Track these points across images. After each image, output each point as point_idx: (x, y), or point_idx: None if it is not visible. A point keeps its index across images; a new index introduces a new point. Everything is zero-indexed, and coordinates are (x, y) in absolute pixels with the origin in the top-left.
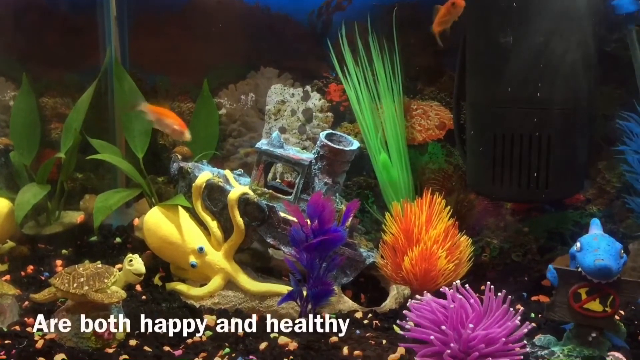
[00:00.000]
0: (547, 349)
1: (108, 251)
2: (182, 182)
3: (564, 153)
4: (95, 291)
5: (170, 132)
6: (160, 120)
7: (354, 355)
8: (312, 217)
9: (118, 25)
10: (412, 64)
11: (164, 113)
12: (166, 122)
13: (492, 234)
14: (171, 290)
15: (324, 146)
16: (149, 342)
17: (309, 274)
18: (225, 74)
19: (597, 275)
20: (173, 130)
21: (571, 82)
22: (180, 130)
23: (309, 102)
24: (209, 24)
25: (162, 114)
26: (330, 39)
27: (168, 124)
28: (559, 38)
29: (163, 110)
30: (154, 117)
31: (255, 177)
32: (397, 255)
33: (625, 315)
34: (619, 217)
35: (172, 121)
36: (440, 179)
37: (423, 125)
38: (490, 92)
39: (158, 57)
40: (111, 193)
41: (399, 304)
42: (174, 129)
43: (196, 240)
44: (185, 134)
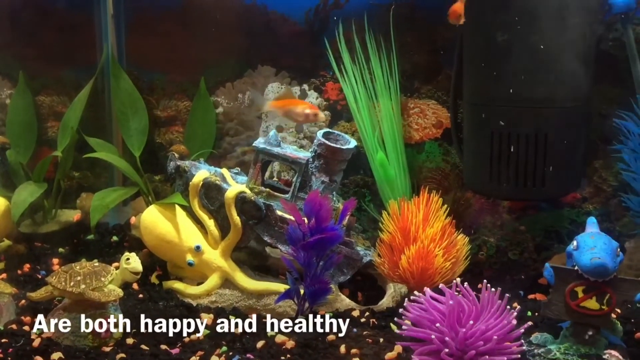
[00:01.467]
0: (544, 347)
1: (105, 250)
2: (179, 181)
3: (561, 151)
4: (92, 290)
5: (304, 118)
6: (290, 111)
7: (351, 353)
8: (309, 215)
9: (115, 23)
10: (409, 63)
11: (290, 103)
12: (297, 112)
13: (489, 232)
14: (168, 289)
15: (321, 145)
16: (146, 340)
17: (306, 272)
18: (222, 72)
19: (594, 274)
20: (306, 116)
21: (568, 81)
22: (314, 113)
23: (306, 100)
24: (206, 22)
25: (289, 104)
26: (328, 37)
27: (299, 112)
28: (556, 36)
29: (287, 101)
30: (283, 112)
31: (252, 175)
32: (394, 253)
33: (622, 313)
34: (615, 216)
35: (301, 108)
36: (437, 177)
37: (420, 124)
38: (487, 90)
39: (155, 55)
40: (108, 191)
41: (396, 302)
42: (307, 114)
43: (193, 239)
44: (319, 114)
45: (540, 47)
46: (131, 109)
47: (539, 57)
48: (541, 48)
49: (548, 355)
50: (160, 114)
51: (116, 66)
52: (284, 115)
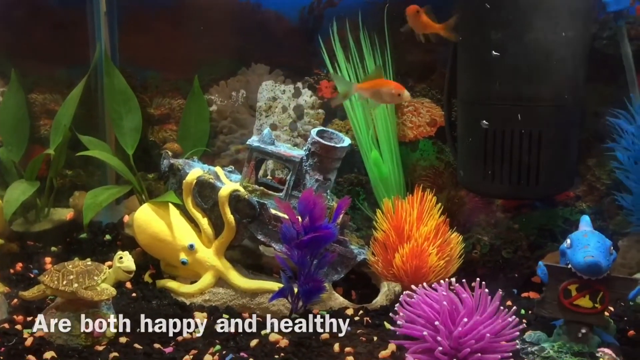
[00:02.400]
0: (537, 345)
1: (98, 248)
2: (173, 179)
3: (555, 150)
4: (84, 288)
5: (390, 99)
6: (377, 92)
7: (345, 352)
8: (303, 214)
9: (108, 20)
10: (404, 61)
11: (377, 83)
12: (382, 92)
13: (483, 230)
14: (161, 288)
15: (315, 143)
16: (139, 339)
17: (300, 271)
18: (216, 70)
19: (587, 272)
20: (391, 96)
21: (562, 79)
22: (398, 92)
23: (300, 98)
24: (199, 20)
25: (376, 85)
26: (322, 35)
27: (385, 93)
28: (550, 35)
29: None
30: (370, 94)
31: (246, 174)
32: (388, 252)
33: (615, 311)
34: (608, 214)
35: (387, 88)
36: (431, 176)
37: (414, 122)
38: (481, 89)
39: (148, 53)
40: (101, 190)
41: (389, 300)
42: (392, 94)
43: (187, 237)
44: (404, 94)
45: (534, 45)
46: (124, 107)
47: (533, 55)
48: (534, 46)
49: (541, 353)
50: (154, 112)
51: (109, 64)
52: (371, 96)
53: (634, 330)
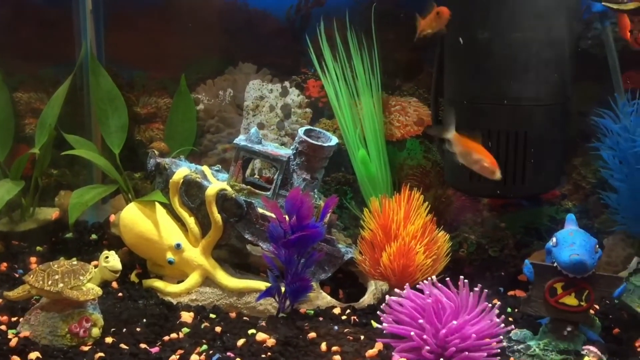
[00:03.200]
0: (523, 343)
1: (84, 248)
2: (159, 178)
3: (540, 149)
4: (70, 288)
5: (479, 168)
6: (468, 154)
7: (332, 351)
8: (291, 213)
9: (94, 19)
10: (391, 60)
11: (474, 147)
12: (474, 158)
13: (470, 229)
14: (148, 287)
15: (303, 142)
16: (125, 339)
17: (287, 270)
18: (203, 69)
19: (573, 270)
20: (482, 168)
21: (548, 79)
22: (491, 169)
23: (288, 98)
24: (186, 19)
25: (472, 148)
26: (309, 34)
27: (477, 160)
28: (536, 35)
29: (473, 143)
30: (460, 149)
31: (233, 173)
32: (375, 251)
33: (600, 309)
34: (594, 213)
35: (481, 157)
36: (418, 175)
37: (401, 122)
38: (467, 88)
39: (135, 52)
40: (87, 189)
41: (377, 299)
42: (483, 167)
43: (173, 237)
44: (497, 172)
45: (520, 45)
46: (110, 106)
47: (519, 55)
48: (520, 46)
49: (527, 351)
50: (140, 111)
51: (95, 63)
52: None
53: (618, 328)
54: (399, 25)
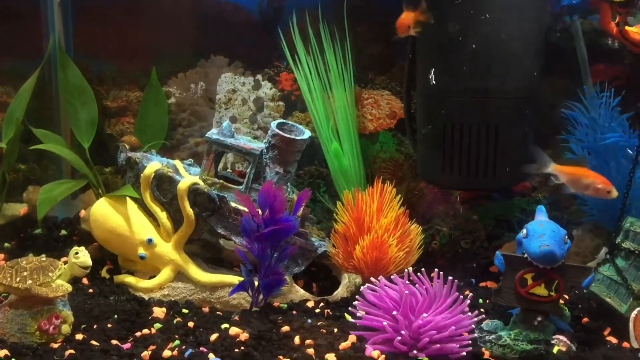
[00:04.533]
0: (495, 333)
1: (53, 244)
2: (130, 173)
3: (511, 142)
4: (39, 285)
5: (593, 191)
6: (577, 180)
7: (305, 344)
8: (264, 206)
9: (62, 11)
10: (364, 53)
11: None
12: (585, 183)
13: (442, 221)
14: (119, 283)
15: (276, 135)
16: (96, 336)
17: (261, 264)
18: (174, 62)
19: (543, 261)
20: (596, 190)
21: (518, 72)
22: (606, 189)
23: (260, 91)
24: (157, 11)
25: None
26: (282, 27)
27: (588, 184)
28: (506, 28)
29: (577, 169)
30: (568, 179)
31: (205, 167)
32: (348, 244)
33: (570, 299)
34: (563, 204)
35: (592, 180)
36: (391, 167)
37: (374, 115)
38: (439, 81)
39: (105, 45)
40: (56, 184)
41: (350, 292)
42: (597, 189)
43: (145, 232)
44: (613, 192)
45: (490, 39)
46: (80, 99)
47: (489, 48)
48: (491, 40)
49: (498, 341)
50: (111, 104)
51: (63, 56)
52: (568, 183)
53: (588, 317)
54: (371, 19)
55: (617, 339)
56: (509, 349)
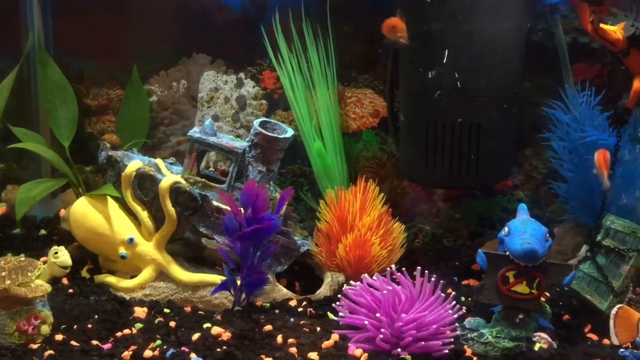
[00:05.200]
0: (477, 331)
1: (32, 244)
2: (111, 172)
3: (493, 140)
4: (18, 285)
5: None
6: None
7: (288, 343)
8: (246, 205)
9: (41, 7)
10: (346, 52)
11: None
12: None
13: (425, 220)
14: (100, 283)
15: (258, 134)
16: (75, 336)
17: (243, 263)
18: (156, 60)
19: (524, 259)
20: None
21: (500, 71)
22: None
23: (243, 89)
24: (139, 8)
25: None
26: (264, 25)
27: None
28: (489, 27)
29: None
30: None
31: (187, 165)
32: (331, 242)
33: (551, 296)
34: (545, 202)
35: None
36: (374, 166)
37: (357, 113)
38: (422, 80)
39: (85, 42)
40: (35, 183)
41: (333, 291)
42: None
43: (126, 231)
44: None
45: (473, 38)
46: (59, 97)
47: (472, 47)
48: (473, 39)
49: (481, 339)
50: (91, 102)
51: (43, 53)
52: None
53: (568, 314)
54: (354, 17)
55: (598, 336)
56: (490, 347)
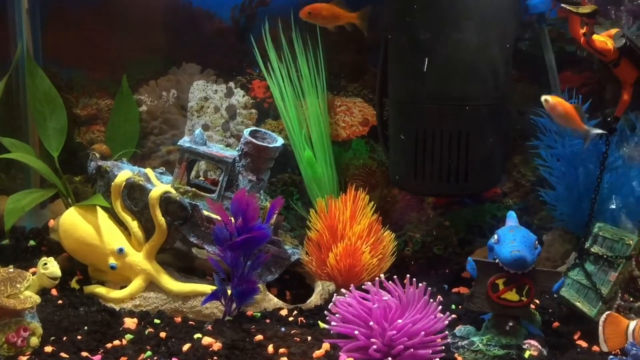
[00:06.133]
0: (467, 339)
1: (21, 255)
2: (101, 182)
3: (482, 148)
4: (6, 297)
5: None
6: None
7: (279, 353)
8: (236, 214)
9: (30, 17)
10: (336, 61)
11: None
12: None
13: (415, 228)
14: (89, 294)
15: (248, 143)
16: (65, 348)
17: (234, 272)
18: (145, 69)
19: (514, 266)
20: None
21: (488, 80)
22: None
23: (233, 98)
24: (128, 18)
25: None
26: (254, 34)
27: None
28: (477, 36)
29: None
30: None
31: (177, 175)
32: (321, 251)
33: (540, 304)
34: (533, 210)
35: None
36: (364, 175)
37: (347, 122)
38: (410, 89)
39: (74, 52)
40: (24, 194)
41: (324, 300)
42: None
43: (116, 241)
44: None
45: (460, 46)
46: (48, 107)
47: (459, 56)
48: (461, 47)
49: (471, 347)
50: (80, 112)
51: (31, 63)
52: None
53: (558, 321)
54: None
55: (587, 343)
56: (481, 355)
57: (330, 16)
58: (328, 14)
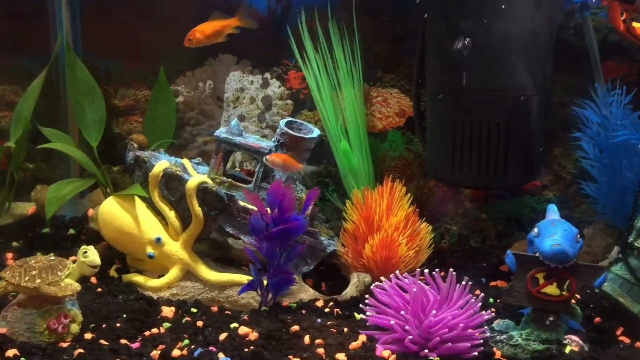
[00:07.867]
0: (506, 333)
1: (61, 243)
2: (139, 172)
3: (522, 140)
4: (48, 284)
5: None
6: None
7: (316, 344)
8: (272, 205)
9: (70, 9)
10: (372, 52)
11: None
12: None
13: (452, 220)
14: (128, 282)
15: (284, 134)
16: (105, 335)
17: (269, 263)
18: (182, 60)
19: (555, 260)
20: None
21: (528, 70)
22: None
23: (269, 89)
24: (165, 9)
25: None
26: (290, 25)
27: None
28: (518, 26)
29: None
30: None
31: (214, 165)
32: (357, 243)
33: (582, 298)
34: (574, 203)
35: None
36: (400, 166)
37: (383, 113)
38: (449, 79)
39: (112, 43)
40: (64, 183)
41: (359, 291)
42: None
43: (153, 231)
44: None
45: (501, 36)
46: (87, 98)
47: (500, 46)
48: (502, 37)
49: (510, 341)
50: (119, 103)
51: (71, 54)
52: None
53: (600, 317)
54: (380, 17)
55: (630, 339)
56: (520, 349)
57: (213, 32)
58: (211, 32)
